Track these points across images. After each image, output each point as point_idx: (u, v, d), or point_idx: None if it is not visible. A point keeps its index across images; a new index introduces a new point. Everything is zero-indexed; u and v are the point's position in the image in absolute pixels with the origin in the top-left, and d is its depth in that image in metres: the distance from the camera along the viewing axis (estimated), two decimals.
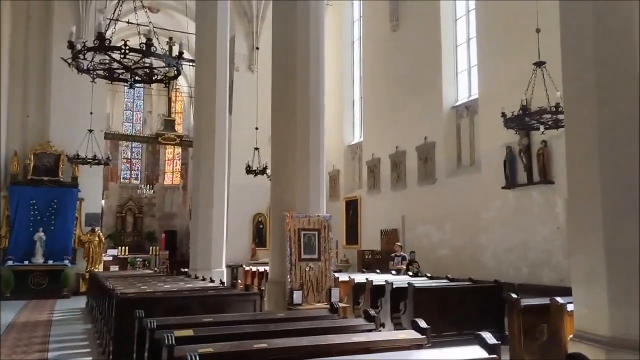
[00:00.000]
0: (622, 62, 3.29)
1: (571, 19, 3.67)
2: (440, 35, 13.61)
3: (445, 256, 12.41)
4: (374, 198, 16.18)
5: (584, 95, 3.55)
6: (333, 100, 18.61)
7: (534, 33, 8.07)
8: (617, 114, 3.32)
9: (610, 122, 3.35)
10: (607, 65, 3.37)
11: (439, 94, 13.50)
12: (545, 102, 7.81)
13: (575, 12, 3.61)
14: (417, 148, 14.12)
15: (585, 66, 3.51)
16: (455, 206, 12.50)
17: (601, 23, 3.38)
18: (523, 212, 10.70)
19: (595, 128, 3.42)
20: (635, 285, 3.18)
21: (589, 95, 3.49)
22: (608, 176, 3.36)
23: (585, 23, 3.49)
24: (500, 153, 11.19)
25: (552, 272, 9.74)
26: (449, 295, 7.90)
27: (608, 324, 3.26)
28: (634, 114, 3.21)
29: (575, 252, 3.73)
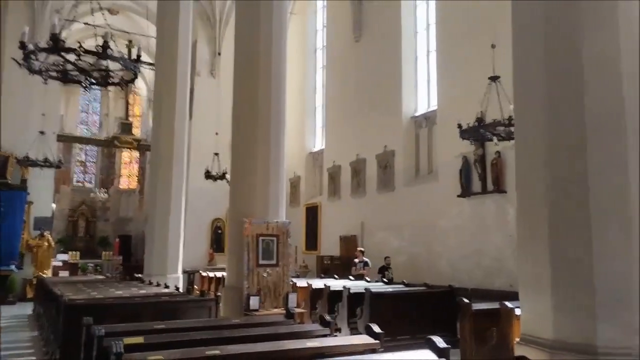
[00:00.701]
0: (569, 79, 3.46)
1: (523, 38, 3.83)
2: (401, 48, 13.90)
3: (402, 262, 12.60)
4: (334, 204, 16.29)
5: (533, 109, 3.70)
6: (295, 107, 18.66)
7: (490, 48, 8.36)
8: (564, 129, 3.48)
9: (557, 136, 3.51)
10: (555, 82, 3.53)
11: (399, 104, 13.77)
12: (499, 114, 8.08)
13: (527, 32, 3.77)
14: (377, 156, 14.33)
15: (535, 82, 3.67)
16: (413, 214, 12.74)
17: (550, 44, 3.54)
18: (477, 220, 11.02)
19: (543, 141, 3.58)
20: (577, 291, 3.33)
21: (537, 109, 3.64)
22: (554, 188, 3.51)
23: (536, 43, 3.65)
24: (457, 163, 11.50)
25: (503, 278, 10.04)
26: (405, 301, 8.04)
27: (552, 328, 3.40)
28: (580, 129, 3.38)
29: (523, 259, 3.88)
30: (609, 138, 3.30)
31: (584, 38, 3.34)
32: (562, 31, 3.45)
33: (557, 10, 3.50)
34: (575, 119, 3.37)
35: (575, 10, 3.39)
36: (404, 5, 14.08)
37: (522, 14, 3.80)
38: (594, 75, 3.31)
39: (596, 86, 3.32)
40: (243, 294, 7.07)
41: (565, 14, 3.44)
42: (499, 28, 8.59)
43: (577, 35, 3.37)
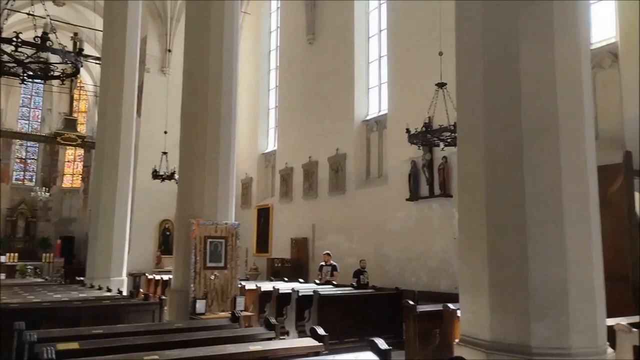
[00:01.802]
0: (507, 87, 3.58)
1: (464, 47, 3.94)
2: (353, 52, 14.05)
3: (352, 265, 12.69)
4: (286, 206, 16.24)
5: (474, 116, 3.81)
6: (248, 107, 18.53)
7: (437, 55, 8.57)
8: (501, 135, 3.60)
9: (495, 142, 3.63)
10: (494, 90, 3.65)
11: (351, 107, 13.90)
12: (445, 120, 8.30)
13: (468, 41, 3.88)
14: (329, 159, 14.41)
15: (475, 90, 3.78)
16: (363, 216, 12.89)
17: (489, 53, 3.66)
18: (424, 223, 11.27)
19: (482, 147, 3.69)
20: (513, 293, 3.45)
21: (477, 117, 3.75)
22: (492, 193, 3.63)
23: (476, 52, 3.76)
24: (406, 167, 11.73)
25: (448, 280, 10.32)
26: (353, 303, 8.10)
27: (489, 329, 3.51)
28: (517, 135, 3.50)
29: (463, 262, 3.98)
30: (543, 145, 3.43)
31: (520, 47, 3.47)
32: (499, 40, 3.58)
33: (494, 20, 3.62)
34: (512, 126, 3.49)
35: (512, 20, 3.52)
36: (357, 10, 14.24)
37: (464, 24, 3.91)
38: (529, 84, 3.45)
39: (532, 94, 3.45)
40: (189, 297, 6.91)
41: (503, 24, 3.57)
42: (446, 36, 8.84)
43: (513, 45, 3.49)
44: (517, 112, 3.51)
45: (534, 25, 3.47)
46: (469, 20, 3.83)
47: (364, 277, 10.78)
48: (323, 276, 11.18)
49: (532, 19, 3.47)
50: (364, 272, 10.93)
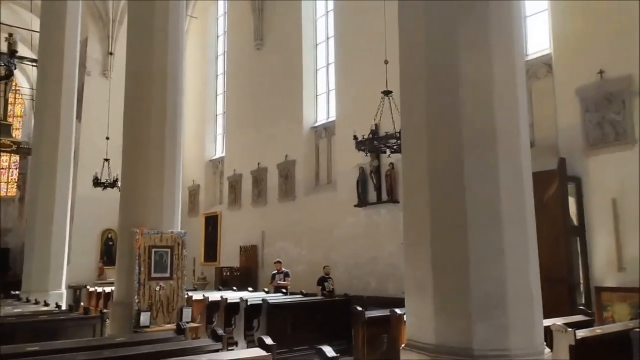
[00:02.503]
0: (448, 97, 3.68)
1: (408, 56, 4.03)
2: (301, 58, 14.10)
3: (301, 271, 12.67)
4: (235, 214, 16.02)
5: (417, 124, 3.90)
6: (195, 113, 18.19)
7: (384, 63, 8.72)
8: (443, 142, 3.70)
9: (437, 149, 3.72)
10: (435, 99, 3.74)
11: (299, 113, 13.92)
12: (392, 127, 8.45)
13: (411, 51, 3.97)
14: (278, 165, 14.35)
15: (418, 98, 3.87)
16: (313, 223, 12.90)
17: (431, 63, 3.76)
18: (373, 228, 11.41)
19: (425, 154, 3.77)
20: (456, 296, 3.53)
21: (420, 124, 3.83)
22: (435, 197, 3.71)
23: (418, 62, 3.85)
24: (354, 173, 11.85)
25: (396, 285, 10.46)
26: (302, 310, 8.08)
27: (433, 332, 3.57)
28: (457, 143, 3.61)
29: (408, 266, 4.05)
30: (482, 152, 3.55)
31: (460, 58, 3.58)
32: (440, 51, 3.68)
33: (435, 32, 3.72)
34: (453, 133, 3.59)
35: (452, 32, 3.63)
36: (304, 17, 14.31)
37: (406, 34, 4.01)
38: (469, 93, 3.57)
39: (471, 103, 3.57)
40: (133, 309, 6.66)
41: (443, 36, 3.68)
42: (392, 45, 9.01)
43: (453, 56, 3.61)
44: (458, 121, 3.61)
45: (472, 37, 3.60)
46: (411, 31, 3.93)
47: (329, 284, 10.40)
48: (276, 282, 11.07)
49: (471, 32, 3.59)
50: (328, 279, 10.53)
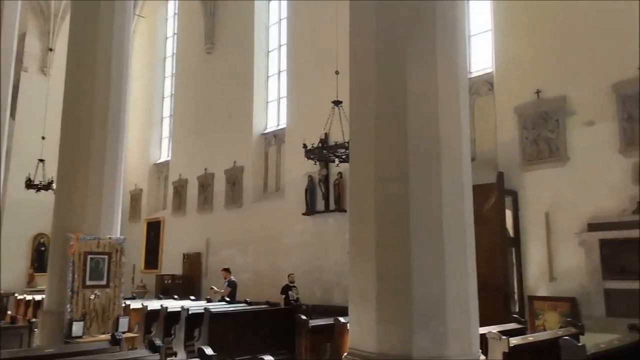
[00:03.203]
0: (395, 111, 3.75)
1: (358, 69, 4.08)
2: (253, 64, 14.03)
3: (246, 280, 12.51)
4: (179, 220, 15.64)
5: (365, 136, 3.94)
6: (141, 115, 17.68)
7: (335, 74, 8.80)
8: (390, 155, 3.76)
9: (384, 161, 3.78)
10: (384, 113, 3.80)
11: (249, 120, 13.82)
12: (341, 137, 8.53)
13: (361, 65, 4.03)
14: (226, 171, 14.16)
15: (367, 111, 3.92)
16: (260, 230, 12.79)
17: (380, 77, 3.82)
18: (320, 237, 11.45)
19: (372, 166, 3.82)
20: (398, 305, 3.58)
21: (368, 136, 3.88)
22: (381, 208, 3.76)
23: (368, 76, 3.91)
24: (303, 181, 11.87)
25: (342, 294, 10.53)
26: (246, 319, 7.94)
27: (375, 341, 3.60)
28: (403, 156, 3.68)
29: (353, 275, 4.07)
30: (426, 164, 3.64)
31: (408, 73, 3.67)
32: (389, 66, 3.76)
33: (385, 46, 3.81)
34: (399, 145, 3.67)
35: (401, 48, 3.72)
36: (257, 24, 14.27)
37: (358, 47, 4.07)
38: (415, 107, 3.66)
39: (417, 117, 3.66)
40: (65, 319, 6.32)
41: (392, 51, 3.76)
42: (343, 55, 9.12)
43: (401, 70, 3.69)
44: (404, 133, 3.68)
45: (419, 53, 3.70)
46: (362, 45, 3.99)
47: (294, 293, 10.11)
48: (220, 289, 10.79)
49: (418, 48, 3.70)
50: (293, 287, 10.22)
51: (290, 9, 13.35)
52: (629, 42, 7.43)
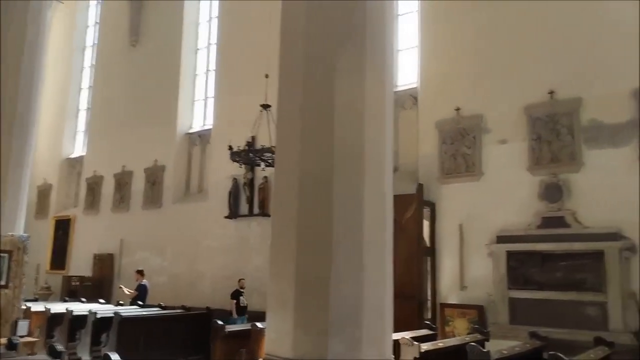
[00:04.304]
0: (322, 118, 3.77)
1: (286, 75, 4.07)
2: (180, 62, 13.62)
3: (162, 283, 12.06)
4: (91, 219, 14.78)
5: (291, 141, 3.93)
6: (54, 106, 16.58)
7: (264, 77, 8.74)
8: (315, 161, 3.78)
9: (309, 167, 3.79)
10: (310, 119, 3.81)
11: (174, 118, 13.38)
12: (268, 141, 8.47)
13: (290, 69, 4.03)
14: (146, 170, 13.61)
15: (294, 116, 3.91)
16: (179, 233, 12.38)
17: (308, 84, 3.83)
18: (242, 241, 11.28)
19: (297, 170, 3.82)
20: (315, 310, 3.59)
21: (294, 141, 3.87)
22: (304, 213, 3.76)
23: (296, 82, 3.91)
24: (227, 184, 11.66)
25: (261, 299, 10.42)
26: (159, 324, 7.67)
27: (291, 346, 3.58)
28: (328, 162, 3.71)
29: (273, 279, 4.02)
30: (350, 173, 3.69)
31: (336, 82, 3.72)
32: (318, 73, 3.79)
33: (315, 54, 3.83)
34: (325, 153, 3.69)
35: (330, 57, 3.76)
36: (186, 20, 13.89)
37: (288, 53, 4.06)
38: (342, 116, 3.70)
39: (343, 125, 3.70)
40: None
41: (322, 59, 3.79)
42: (273, 59, 9.07)
43: (330, 79, 3.73)
44: (330, 141, 3.71)
45: (348, 63, 3.75)
46: (291, 52, 3.99)
47: (244, 299, 9.89)
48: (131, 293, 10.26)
49: (348, 58, 3.75)
50: (243, 293, 9.96)
51: (222, 7, 13.13)
52: (542, 68, 8.04)
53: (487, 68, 8.62)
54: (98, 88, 15.86)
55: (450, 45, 9.11)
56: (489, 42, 8.67)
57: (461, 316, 8.20)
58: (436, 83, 9.25)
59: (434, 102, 9.23)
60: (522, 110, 8.19)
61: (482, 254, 8.19)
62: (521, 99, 8.19)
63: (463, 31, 8.96)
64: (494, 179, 8.33)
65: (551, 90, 7.95)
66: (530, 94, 8.11)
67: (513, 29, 8.43)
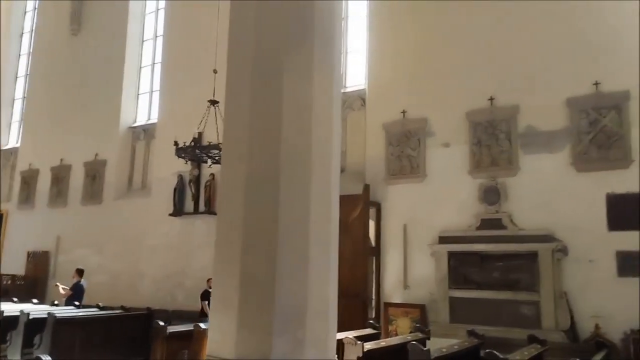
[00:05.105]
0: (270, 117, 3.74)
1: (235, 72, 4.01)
2: (125, 53, 13.17)
3: (101, 282, 11.60)
4: (25, 214, 14.04)
5: (238, 138, 3.87)
6: None
7: (212, 72, 8.58)
8: (262, 160, 3.74)
9: (256, 166, 3.75)
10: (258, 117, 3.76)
11: (117, 111, 12.93)
12: (215, 138, 8.33)
13: (238, 67, 3.96)
14: (86, 164, 13.08)
15: (241, 114, 3.85)
16: (120, 230, 11.97)
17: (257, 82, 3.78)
18: (186, 240, 11.04)
19: (244, 169, 3.77)
20: (260, 310, 3.56)
21: (242, 139, 3.82)
22: (250, 212, 3.72)
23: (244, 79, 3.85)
24: (172, 180, 11.38)
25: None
26: (97, 325, 7.38)
27: (234, 346, 3.54)
28: (275, 161, 3.68)
29: (217, 280, 3.97)
30: (298, 172, 3.69)
31: (284, 80, 3.70)
32: (267, 71, 3.76)
33: (264, 51, 3.80)
34: (272, 152, 3.67)
35: (280, 55, 3.75)
36: (132, 10, 13.43)
37: (236, 50, 4.00)
38: (290, 115, 3.69)
39: (291, 124, 3.69)
40: None
41: (271, 56, 3.77)
42: (222, 55, 8.91)
43: (278, 77, 3.71)
44: (278, 140, 3.69)
45: (297, 62, 3.75)
46: (240, 48, 3.94)
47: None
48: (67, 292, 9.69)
49: (296, 57, 3.75)
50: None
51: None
52: (483, 76, 8.35)
53: (431, 73, 8.86)
54: (35, 77, 15.09)
55: (397, 49, 9.30)
56: (434, 47, 8.92)
57: (404, 315, 8.39)
58: (383, 85, 9.41)
59: (381, 104, 9.39)
60: (464, 116, 8.48)
61: (425, 253, 8.41)
62: (463, 105, 8.47)
63: (409, 36, 9.17)
64: (437, 181, 8.58)
65: (491, 97, 8.28)
66: (472, 100, 8.41)
67: (457, 37, 8.71)
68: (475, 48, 8.51)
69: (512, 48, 8.21)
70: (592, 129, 7.55)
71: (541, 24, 8.02)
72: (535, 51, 8.02)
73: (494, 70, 8.30)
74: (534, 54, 8.03)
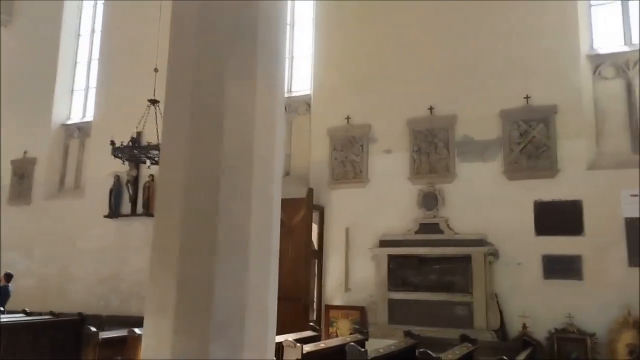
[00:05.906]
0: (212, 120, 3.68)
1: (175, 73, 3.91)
2: (59, 47, 12.55)
3: (29, 287, 10.96)
4: None
5: (178, 141, 3.78)
6: None
7: (153, 71, 8.35)
8: (203, 163, 3.67)
9: (197, 169, 3.68)
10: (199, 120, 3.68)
11: (48, 107, 12.29)
12: (155, 138, 8.09)
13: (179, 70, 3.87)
14: (13, 162, 12.34)
15: (182, 117, 3.75)
16: (50, 232, 11.38)
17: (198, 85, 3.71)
18: (123, 242, 10.66)
19: (184, 171, 3.69)
20: (197, 316, 3.49)
21: (181, 142, 3.73)
22: (189, 216, 3.64)
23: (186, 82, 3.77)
24: (108, 181, 10.96)
25: (140, 304, 9.91)
26: (24, 332, 7.01)
27: (170, 352, 3.44)
28: (216, 164, 3.63)
29: (153, 284, 3.85)
30: (239, 175, 3.66)
31: (226, 84, 3.67)
32: (209, 74, 3.70)
33: (206, 54, 3.74)
34: (213, 154, 3.61)
35: (222, 58, 3.70)
36: (67, 3, 12.83)
37: (177, 50, 3.92)
38: (232, 118, 3.65)
39: (233, 128, 3.66)
40: None
41: (213, 60, 3.72)
42: (163, 53, 8.68)
43: (220, 81, 3.68)
44: (219, 142, 3.64)
45: (240, 66, 3.72)
46: (182, 49, 3.86)
47: None
48: None
49: (239, 61, 3.72)
50: None
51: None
52: (424, 85, 8.65)
53: (375, 80, 9.06)
54: None
55: (343, 56, 9.44)
56: (379, 56, 9.13)
57: (345, 317, 8.49)
58: (328, 91, 9.52)
59: (326, 109, 9.49)
60: (406, 123, 8.73)
61: (366, 257, 8.56)
62: (405, 112, 8.73)
63: (355, 43, 9.34)
64: (379, 186, 8.77)
65: (431, 106, 8.58)
66: (413, 108, 8.68)
67: (400, 45, 8.97)
68: (418, 59, 8.79)
69: (452, 62, 8.56)
70: (522, 140, 7.99)
71: (480, 41, 8.43)
72: (473, 66, 8.41)
73: (435, 81, 8.61)
74: (472, 69, 8.41)
